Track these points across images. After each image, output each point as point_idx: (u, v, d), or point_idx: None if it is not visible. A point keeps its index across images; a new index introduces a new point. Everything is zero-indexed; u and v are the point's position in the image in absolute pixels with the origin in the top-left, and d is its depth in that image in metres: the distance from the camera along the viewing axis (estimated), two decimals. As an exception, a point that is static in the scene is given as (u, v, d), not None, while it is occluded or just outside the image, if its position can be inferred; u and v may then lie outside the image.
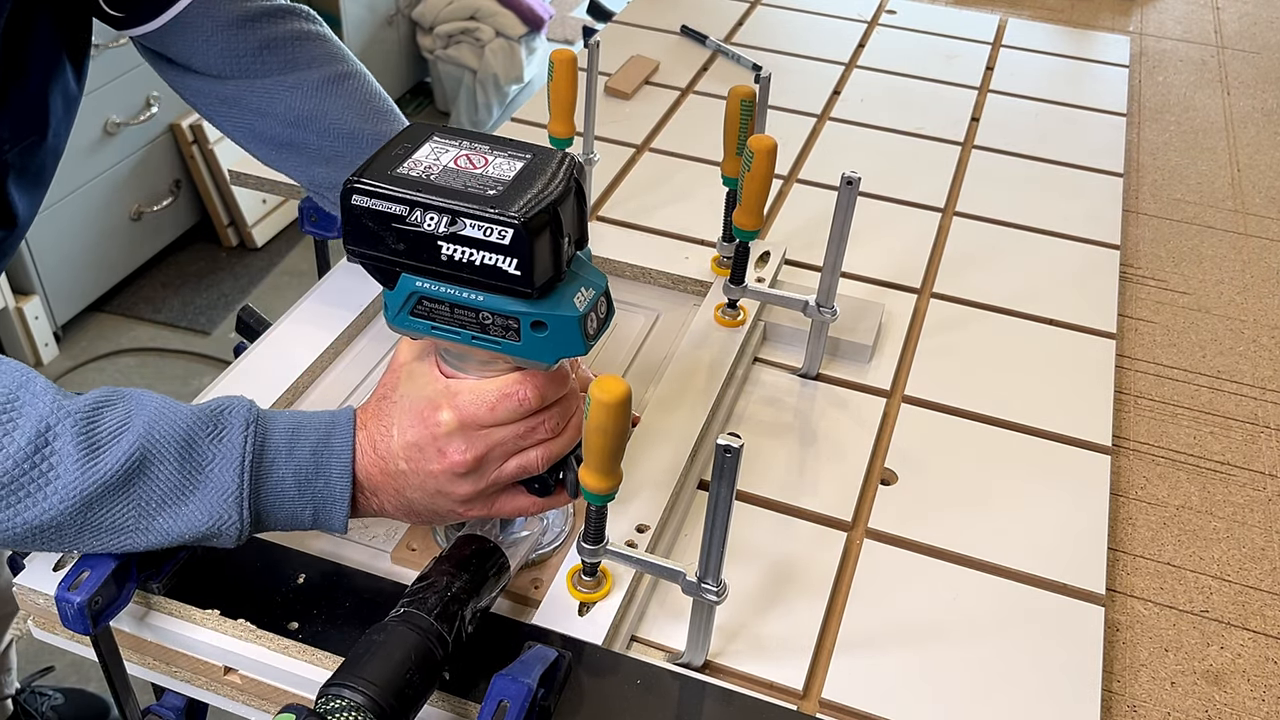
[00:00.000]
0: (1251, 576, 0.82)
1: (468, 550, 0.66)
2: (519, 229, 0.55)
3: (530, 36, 3.27)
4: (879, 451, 0.88)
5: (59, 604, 0.64)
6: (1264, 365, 1.03)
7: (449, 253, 0.57)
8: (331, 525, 0.65)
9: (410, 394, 0.64)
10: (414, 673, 0.58)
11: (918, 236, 1.14)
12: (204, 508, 0.61)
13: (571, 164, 0.60)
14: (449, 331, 0.61)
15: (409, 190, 0.57)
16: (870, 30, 1.59)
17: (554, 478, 0.67)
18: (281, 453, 0.63)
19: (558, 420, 0.65)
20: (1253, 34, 1.71)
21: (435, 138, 0.61)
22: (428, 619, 0.60)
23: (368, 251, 0.59)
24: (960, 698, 0.70)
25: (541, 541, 0.75)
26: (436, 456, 0.63)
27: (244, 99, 0.87)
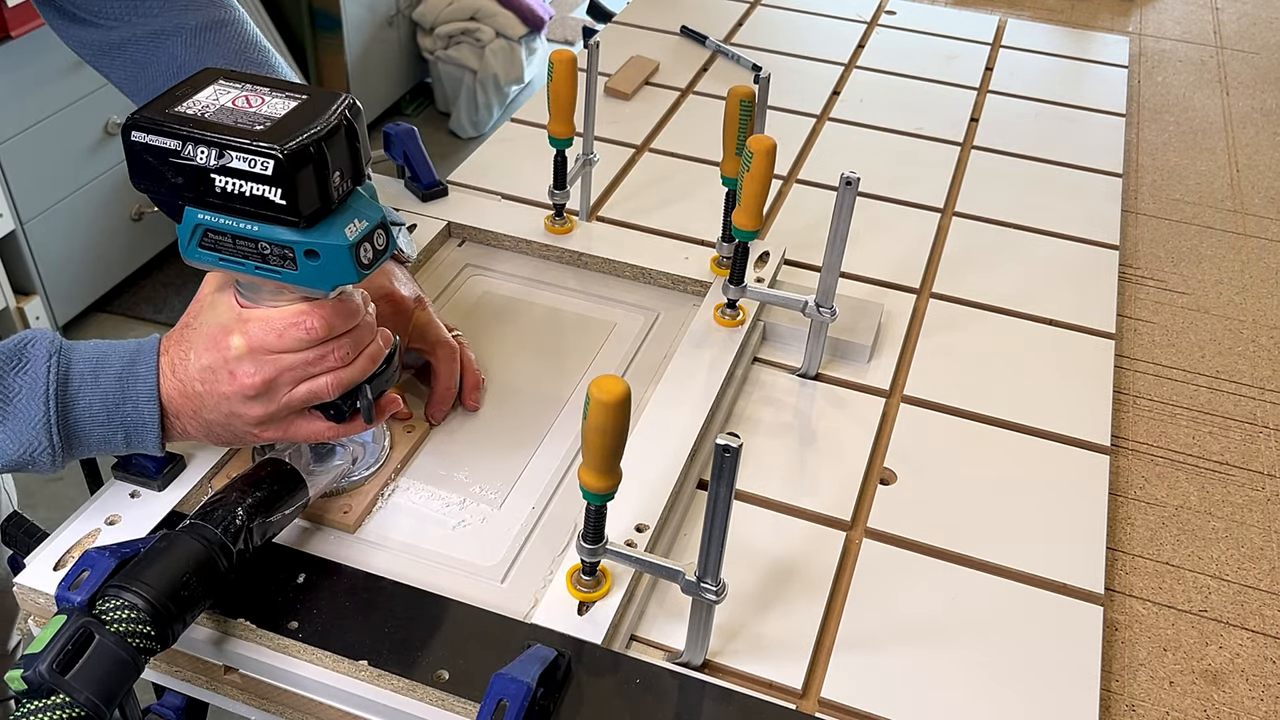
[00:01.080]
0: (1250, 576, 0.82)
1: (263, 472, 0.71)
2: (280, 160, 0.59)
3: (530, 37, 3.27)
4: (878, 451, 0.88)
5: (59, 604, 0.64)
6: (1263, 365, 1.03)
7: (221, 185, 0.61)
8: (145, 447, 0.69)
9: (208, 321, 0.68)
10: (192, 577, 0.63)
11: (917, 236, 1.14)
12: (14, 437, 0.65)
13: (345, 103, 0.63)
14: (234, 262, 0.64)
15: (184, 126, 0.61)
16: (870, 31, 1.60)
17: (348, 405, 0.70)
18: (87, 380, 0.67)
19: (348, 349, 0.68)
20: (1252, 34, 1.71)
21: (220, 81, 0.65)
22: (213, 529, 0.65)
23: (151, 186, 0.63)
24: (959, 697, 0.70)
25: (352, 470, 0.79)
26: (228, 379, 0.67)
27: (126, 49, 0.87)
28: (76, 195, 2.25)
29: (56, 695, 0.56)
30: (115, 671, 0.58)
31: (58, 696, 0.56)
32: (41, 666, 0.56)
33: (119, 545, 0.67)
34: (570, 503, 0.80)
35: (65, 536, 0.73)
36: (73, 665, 0.57)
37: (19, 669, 0.56)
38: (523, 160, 1.22)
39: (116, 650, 0.59)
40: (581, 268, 1.05)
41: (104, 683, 0.58)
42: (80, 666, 0.57)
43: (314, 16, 2.88)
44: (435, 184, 1.10)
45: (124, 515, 0.75)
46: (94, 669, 0.57)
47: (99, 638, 0.58)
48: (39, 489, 2.00)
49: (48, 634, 0.58)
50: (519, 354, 0.94)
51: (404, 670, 0.66)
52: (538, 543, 0.77)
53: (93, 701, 0.57)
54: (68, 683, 0.56)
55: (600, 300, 1.01)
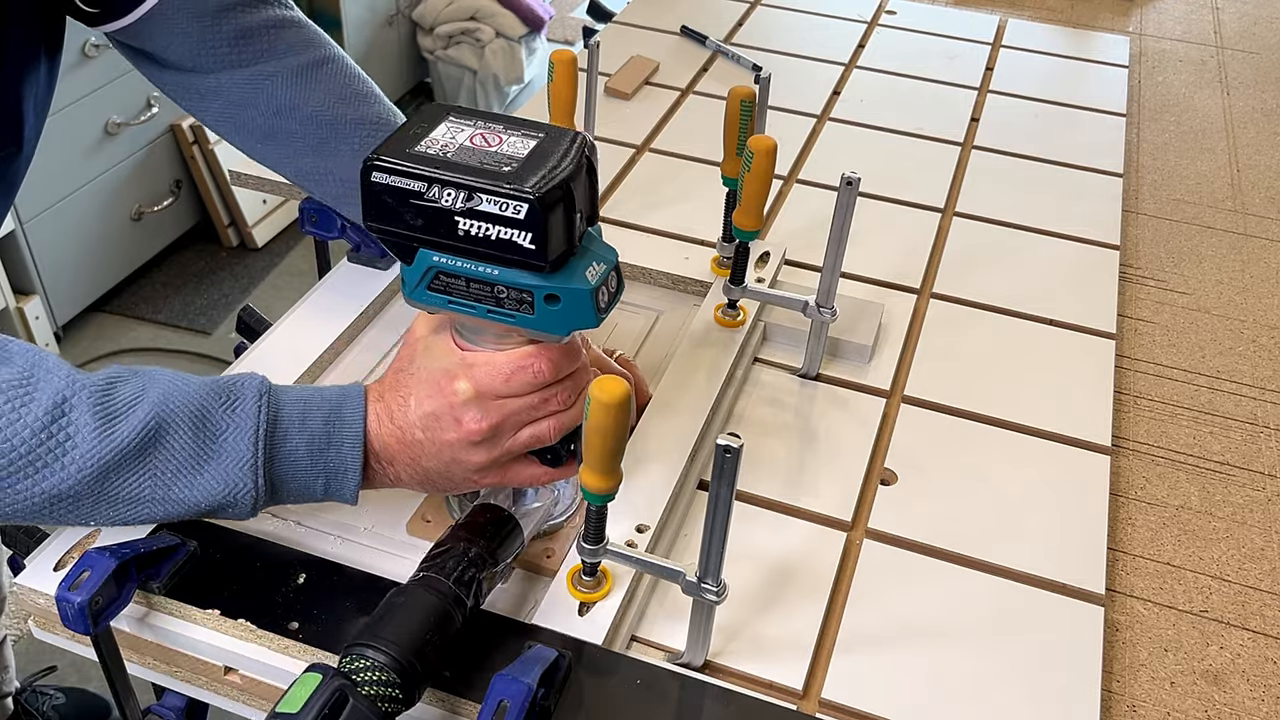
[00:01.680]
0: (1251, 576, 0.82)
1: (483, 518, 0.68)
2: (534, 204, 0.57)
3: (530, 37, 3.27)
4: (879, 451, 0.88)
5: (59, 604, 0.64)
6: (1263, 365, 1.03)
7: (465, 228, 0.59)
8: (343, 495, 0.67)
9: (427, 366, 0.66)
10: (433, 633, 0.60)
11: (917, 237, 1.14)
12: (219, 476, 0.63)
13: (583, 142, 0.62)
14: (465, 305, 0.62)
15: (427, 167, 0.59)
16: (870, 31, 1.59)
17: (565, 448, 0.69)
18: (294, 422, 0.65)
19: (570, 393, 0.67)
20: (1252, 34, 1.71)
21: (451, 117, 0.63)
22: (446, 583, 0.62)
23: (386, 227, 0.61)
24: (960, 697, 0.70)
25: (553, 512, 0.76)
26: (453, 425, 0.65)
27: (224, 91, 0.86)
28: (76, 195, 2.25)
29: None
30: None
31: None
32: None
33: (119, 545, 0.67)
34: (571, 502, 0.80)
35: (65, 536, 0.73)
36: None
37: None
38: (523, 160, 1.21)
39: (368, 715, 0.56)
40: (582, 268, 1.05)
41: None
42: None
43: (314, 17, 2.88)
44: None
45: (124, 515, 0.75)
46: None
47: (353, 702, 0.56)
48: (39, 489, 1.99)
49: (302, 694, 0.55)
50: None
51: (404, 671, 0.65)
52: (537, 544, 0.77)
53: None
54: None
55: (600, 300, 1.01)
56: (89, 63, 2.16)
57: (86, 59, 2.15)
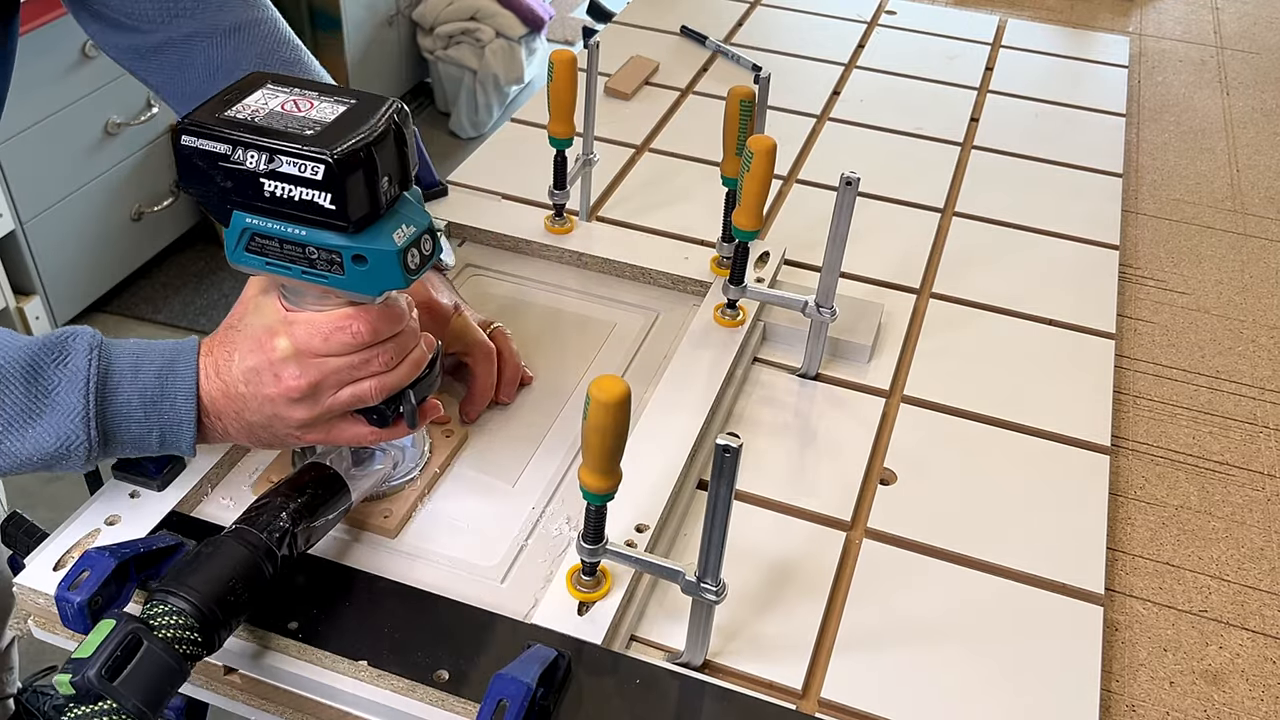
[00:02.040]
0: (1250, 576, 0.82)
1: (306, 477, 0.71)
2: (330, 165, 0.59)
3: (530, 37, 3.27)
4: (878, 451, 0.88)
5: (59, 604, 0.64)
6: (1263, 365, 1.03)
7: (270, 189, 0.61)
8: (179, 447, 0.69)
9: (253, 324, 0.68)
10: (238, 583, 0.63)
11: (917, 237, 1.14)
12: (51, 429, 0.64)
13: (396, 108, 0.63)
14: (281, 266, 0.64)
15: (233, 130, 0.61)
16: (870, 31, 1.60)
17: (391, 410, 0.70)
18: (126, 375, 0.66)
19: (392, 354, 0.68)
20: (1252, 34, 1.71)
21: (268, 85, 0.65)
22: (259, 535, 0.65)
23: (201, 190, 0.63)
24: (959, 697, 0.70)
25: (393, 475, 0.79)
26: (272, 381, 0.67)
27: (163, 52, 0.88)
28: (76, 195, 2.25)
29: (104, 701, 0.56)
30: (162, 678, 0.58)
31: (105, 703, 0.56)
32: (90, 673, 0.56)
33: (119, 545, 0.67)
34: (570, 503, 0.80)
35: (65, 536, 0.73)
36: (120, 671, 0.57)
37: (67, 673, 0.56)
38: (523, 160, 1.22)
39: (164, 657, 0.58)
40: (581, 268, 1.05)
41: (151, 689, 0.58)
42: (128, 673, 0.57)
43: (314, 16, 2.88)
44: (435, 184, 1.09)
45: (124, 515, 0.75)
46: (142, 676, 0.57)
47: (147, 644, 0.58)
48: (39, 489, 2.00)
49: (95, 639, 0.57)
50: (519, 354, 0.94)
51: (404, 670, 0.66)
52: (538, 543, 0.77)
53: (139, 709, 0.57)
54: (116, 689, 0.56)
55: (600, 300, 1.01)
56: (89, 63, 2.16)
57: (87, 59, 2.15)
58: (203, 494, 0.79)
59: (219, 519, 0.77)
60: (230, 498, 0.79)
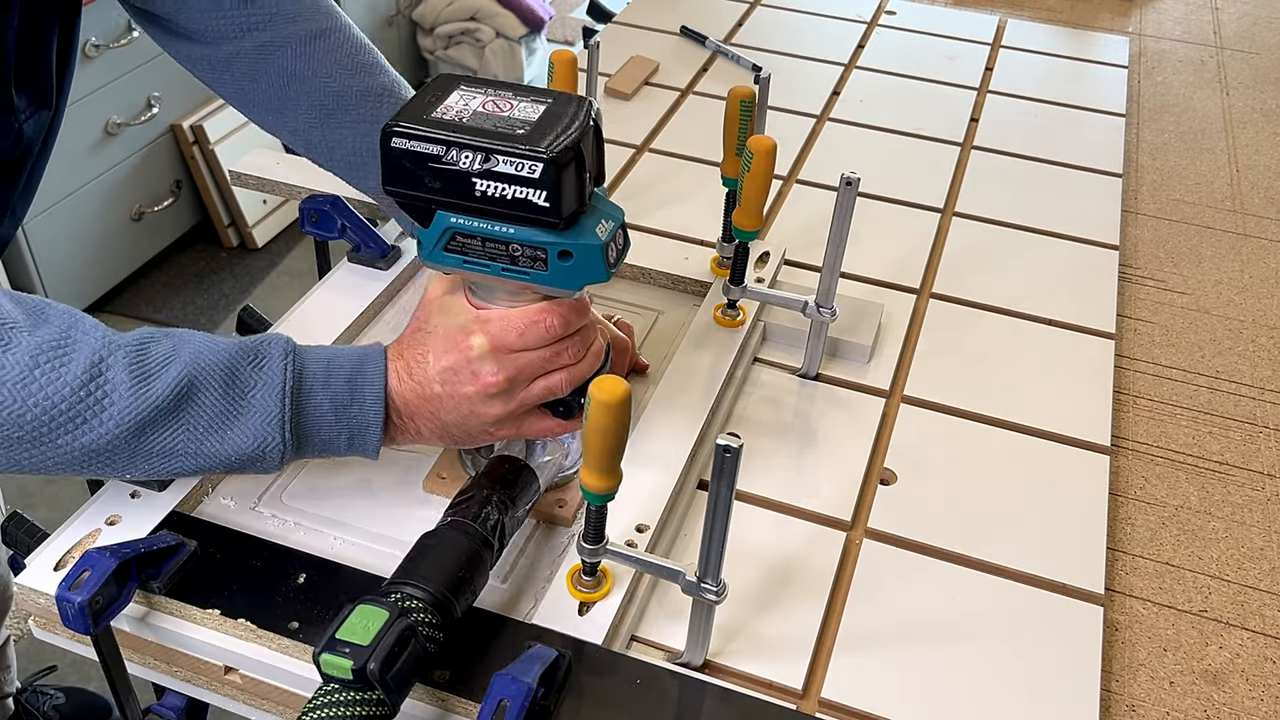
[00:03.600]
0: (1250, 576, 0.82)
1: (503, 469, 0.72)
2: (548, 163, 0.60)
3: (530, 37, 3.27)
4: (878, 451, 0.88)
5: (60, 604, 0.64)
6: (1263, 365, 1.03)
7: (482, 188, 0.62)
8: (366, 450, 0.70)
9: (444, 324, 0.69)
10: (465, 571, 0.64)
11: (917, 237, 1.14)
12: (249, 430, 0.66)
13: (589, 105, 0.65)
14: (480, 264, 0.65)
15: (444, 131, 0.62)
16: (870, 31, 1.60)
17: (576, 401, 0.72)
18: (319, 379, 0.68)
19: (579, 346, 0.70)
20: (1252, 34, 1.71)
21: (462, 86, 0.66)
22: (474, 525, 0.66)
23: (406, 191, 0.64)
24: (959, 697, 0.70)
25: (564, 465, 0.79)
26: (470, 379, 0.68)
27: (236, 62, 0.88)
28: (76, 195, 2.25)
29: (374, 691, 0.57)
30: (416, 672, 0.59)
31: (375, 693, 0.57)
32: (373, 664, 0.56)
33: (120, 545, 0.67)
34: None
35: (65, 536, 0.73)
36: (394, 664, 0.57)
37: (341, 656, 0.56)
38: (523, 160, 1.21)
39: (422, 651, 0.60)
40: (581, 268, 1.05)
41: (407, 684, 0.59)
42: (398, 668, 0.57)
43: (314, 16, 2.87)
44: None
45: (124, 516, 0.75)
46: (406, 671, 0.58)
47: (414, 642, 0.59)
48: (39, 489, 2.00)
49: (370, 626, 0.58)
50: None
51: (404, 670, 0.65)
52: (538, 543, 0.77)
53: (398, 703, 0.58)
54: (388, 682, 0.57)
55: (600, 300, 1.01)
56: (89, 63, 2.16)
57: (86, 59, 2.15)
58: (203, 494, 0.79)
59: (220, 519, 0.77)
60: (231, 498, 0.79)
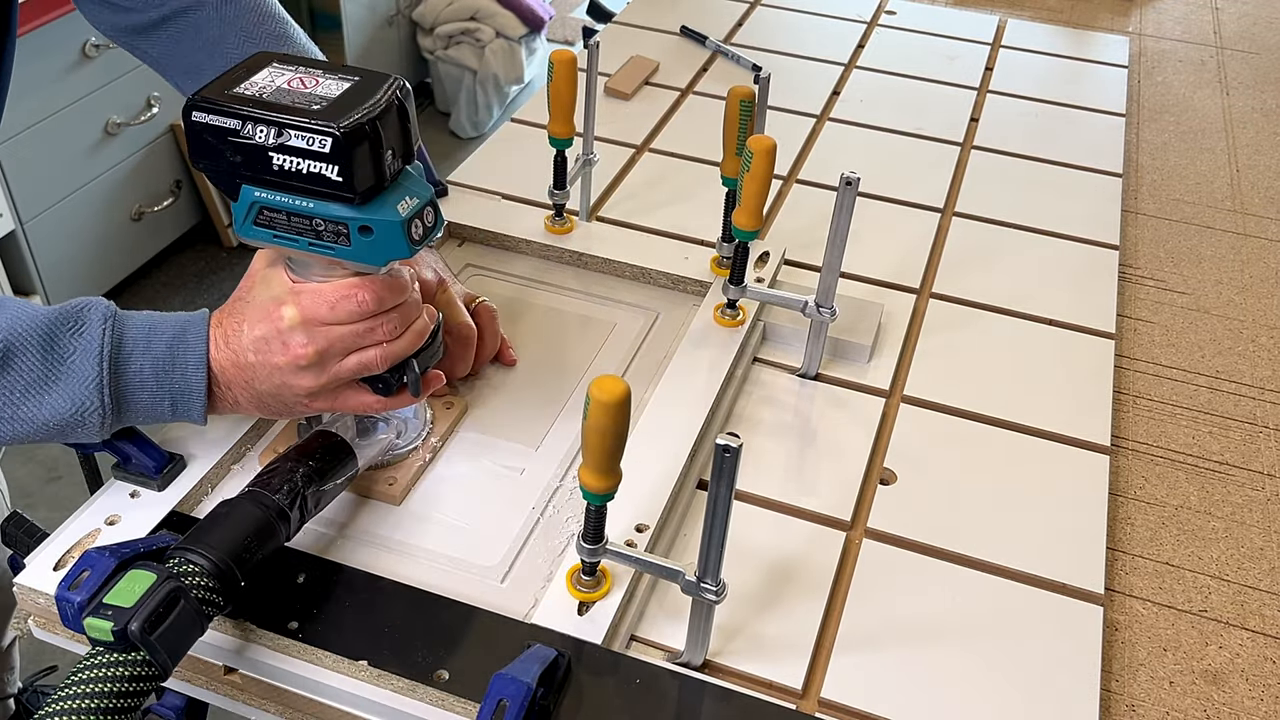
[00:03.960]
0: (1250, 576, 0.82)
1: (316, 443, 0.74)
2: (338, 137, 0.61)
3: (530, 37, 3.27)
4: (878, 451, 0.88)
5: (59, 603, 0.64)
6: (1263, 365, 1.03)
7: (279, 162, 0.63)
8: (191, 416, 0.71)
9: (260, 295, 0.70)
10: (253, 541, 0.66)
11: (917, 236, 1.14)
12: (66, 395, 0.66)
13: (398, 85, 0.66)
14: (288, 239, 0.66)
15: (243, 106, 0.63)
16: (870, 31, 1.60)
17: (396, 379, 0.73)
18: (139, 345, 0.68)
19: (396, 324, 0.70)
20: (1252, 34, 1.71)
21: (274, 64, 0.67)
22: (271, 497, 0.68)
23: (210, 165, 0.65)
24: (959, 697, 0.70)
25: (397, 444, 0.81)
26: (281, 349, 0.69)
27: (159, 29, 0.90)
28: (76, 195, 2.25)
29: (137, 652, 0.58)
30: (189, 634, 0.61)
31: (138, 654, 0.58)
32: (134, 625, 0.57)
33: (119, 545, 0.67)
34: (570, 503, 0.80)
35: (65, 536, 0.73)
36: (159, 625, 0.58)
37: (104, 618, 0.57)
38: (523, 160, 1.22)
39: (194, 614, 0.61)
40: (581, 268, 1.05)
41: (179, 645, 0.60)
42: (165, 628, 0.59)
43: (314, 16, 2.88)
44: (436, 184, 1.09)
45: (124, 515, 0.75)
46: (175, 631, 0.59)
47: (183, 602, 0.60)
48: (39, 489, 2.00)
49: (135, 588, 0.59)
50: (519, 354, 0.94)
51: (404, 670, 0.66)
52: (538, 543, 0.77)
53: (166, 663, 0.59)
54: (153, 643, 0.58)
55: (600, 300, 1.01)
56: (89, 63, 2.16)
57: (87, 59, 2.15)
58: (203, 494, 0.79)
59: (219, 519, 0.77)
60: (230, 498, 0.79)
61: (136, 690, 0.58)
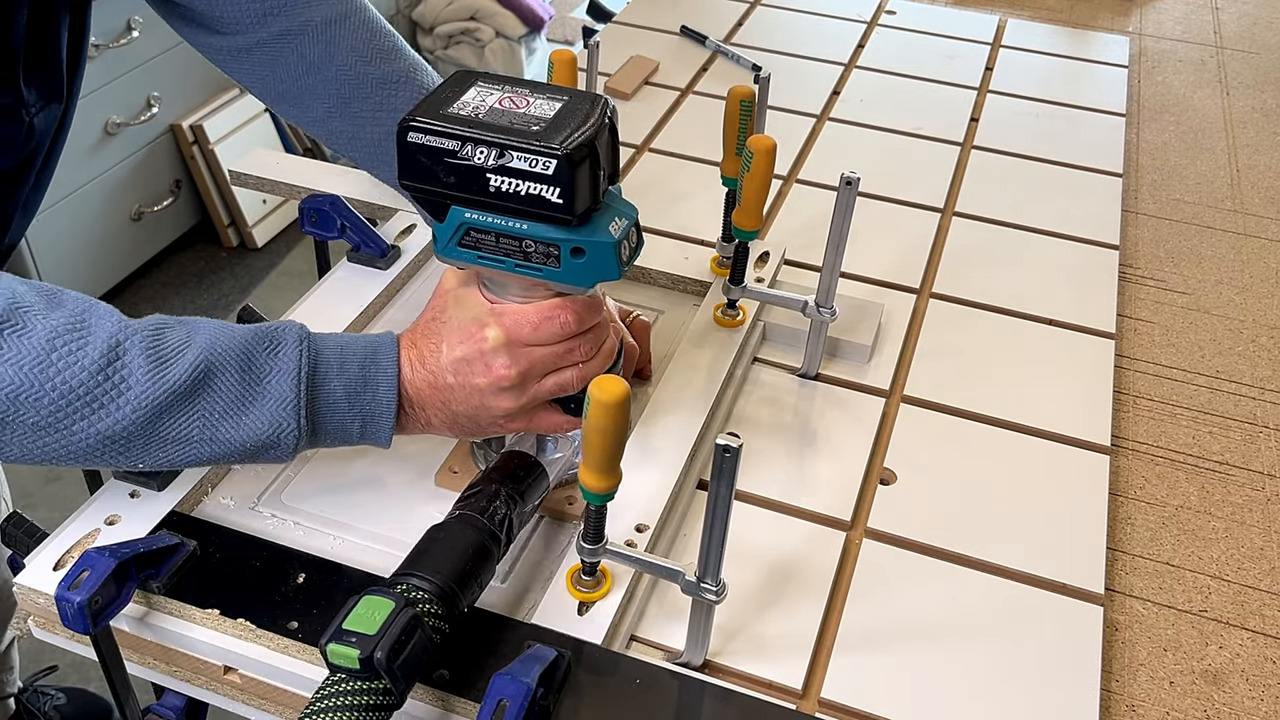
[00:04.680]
0: (1250, 576, 0.82)
1: (513, 464, 0.72)
2: (561, 160, 0.61)
3: (530, 37, 3.27)
4: (878, 451, 0.88)
5: (59, 603, 0.64)
6: (1263, 365, 1.03)
7: (497, 184, 0.62)
8: (378, 439, 0.70)
9: (458, 315, 0.70)
10: (472, 564, 0.64)
11: (917, 236, 1.14)
12: (264, 416, 0.66)
13: (606, 104, 0.65)
14: (494, 260, 0.66)
15: (460, 126, 0.62)
16: (870, 31, 1.60)
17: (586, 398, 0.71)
18: (333, 366, 0.68)
19: (592, 344, 0.71)
20: (1252, 34, 1.71)
21: (480, 83, 0.67)
22: (481, 519, 0.67)
23: (421, 185, 0.65)
24: (959, 697, 0.70)
25: (574, 462, 0.79)
26: (483, 370, 0.68)
27: (255, 52, 0.88)
28: (76, 195, 2.25)
29: (381, 681, 0.57)
30: (424, 660, 0.60)
31: (382, 682, 0.58)
32: (380, 654, 0.57)
33: (119, 545, 0.67)
34: (570, 503, 0.80)
35: (65, 536, 0.73)
36: (400, 653, 0.58)
37: (348, 646, 0.57)
38: (523, 160, 1.21)
39: (429, 642, 0.60)
40: (581, 268, 1.05)
41: (414, 673, 0.59)
42: (405, 657, 0.58)
43: (314, 16, 2.87)
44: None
45: (124, 515, 0.75)
46: (413, 660, 0.59)
47: (420, 632, 0.60)
48: (39, 489, 2.00)
49: (376, 615, 0.58)
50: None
51: (404, 670, 0.65)
52: (538, 543, 0.77)
53: (404, 692, 0.59)
54: (395, 671, 0.57)
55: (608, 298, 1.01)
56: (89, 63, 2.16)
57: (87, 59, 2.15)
58: (203, 494, 0.79)
59: (219, 519, 0.77)
60: (230, 497, 0.79)
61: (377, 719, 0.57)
